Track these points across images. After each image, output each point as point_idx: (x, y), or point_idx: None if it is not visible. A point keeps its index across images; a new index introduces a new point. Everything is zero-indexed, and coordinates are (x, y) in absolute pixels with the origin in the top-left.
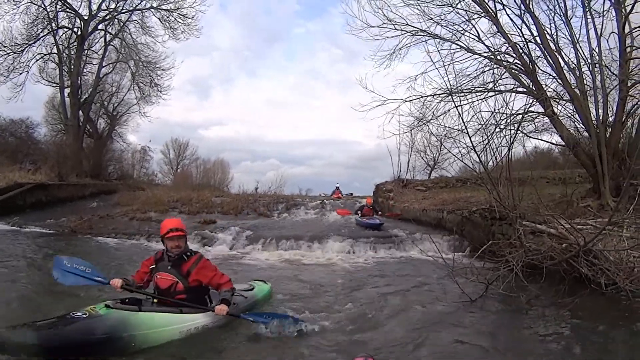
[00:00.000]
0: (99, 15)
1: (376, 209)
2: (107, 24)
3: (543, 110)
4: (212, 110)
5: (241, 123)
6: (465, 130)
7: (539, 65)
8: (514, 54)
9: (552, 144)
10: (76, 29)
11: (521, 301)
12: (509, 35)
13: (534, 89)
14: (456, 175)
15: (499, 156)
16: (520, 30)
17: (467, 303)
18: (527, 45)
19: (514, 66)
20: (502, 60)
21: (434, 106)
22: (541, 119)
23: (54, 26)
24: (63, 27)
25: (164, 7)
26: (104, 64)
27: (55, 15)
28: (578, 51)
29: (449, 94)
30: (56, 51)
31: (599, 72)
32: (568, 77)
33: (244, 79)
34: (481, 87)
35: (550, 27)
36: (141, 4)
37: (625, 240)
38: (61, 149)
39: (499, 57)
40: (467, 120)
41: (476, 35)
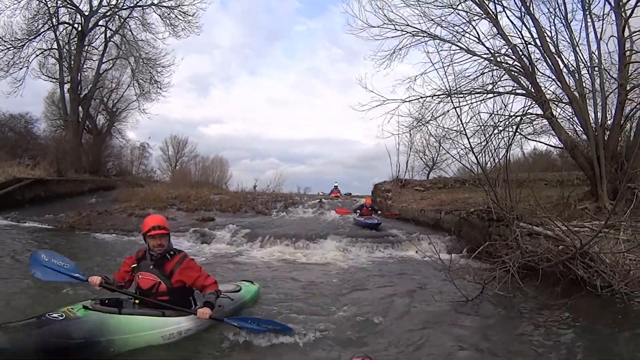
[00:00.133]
0: (99, 11)
1: (375, 209)
2: (107, 20)
3: (542, 113)
4: (212, 108)
5: (241, 121)
6: (464, 132)
7: (538, 68)
8: (514, 56)
9: (551, 146)
10: (77, 25)
11: (517, 302)
12: (509, 37)
13: (533, 91)
14: (454, 176)
15: (497, 158)
16: (520, 32)
17: (463, 303)
18: (527, 48)
19: (514, 68)
20: (501, 62)
21: (433, 107)
22: (540, 121)
23: (54, 21)
24: (63, 22)
25: (164, 3)
26: (104, 60)
27: (56, 10)
28: (578, 54)
29: (448, 95)
30: (56, 47)
31: (598, 75)
32: (567, 79)
33: (245, 77)
34: (480, 89)
35: (551, 29)
36: (142, 0)
37: (621, 242)
38: (60, 144)
39: (498, 59)
40: (465, 121)
41: (476, 36)
